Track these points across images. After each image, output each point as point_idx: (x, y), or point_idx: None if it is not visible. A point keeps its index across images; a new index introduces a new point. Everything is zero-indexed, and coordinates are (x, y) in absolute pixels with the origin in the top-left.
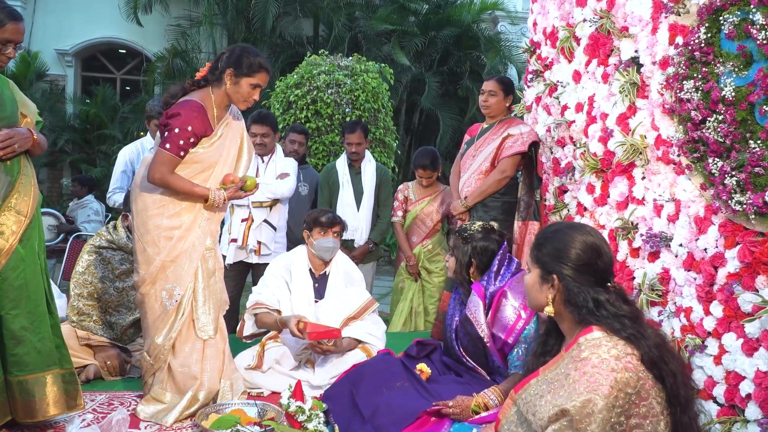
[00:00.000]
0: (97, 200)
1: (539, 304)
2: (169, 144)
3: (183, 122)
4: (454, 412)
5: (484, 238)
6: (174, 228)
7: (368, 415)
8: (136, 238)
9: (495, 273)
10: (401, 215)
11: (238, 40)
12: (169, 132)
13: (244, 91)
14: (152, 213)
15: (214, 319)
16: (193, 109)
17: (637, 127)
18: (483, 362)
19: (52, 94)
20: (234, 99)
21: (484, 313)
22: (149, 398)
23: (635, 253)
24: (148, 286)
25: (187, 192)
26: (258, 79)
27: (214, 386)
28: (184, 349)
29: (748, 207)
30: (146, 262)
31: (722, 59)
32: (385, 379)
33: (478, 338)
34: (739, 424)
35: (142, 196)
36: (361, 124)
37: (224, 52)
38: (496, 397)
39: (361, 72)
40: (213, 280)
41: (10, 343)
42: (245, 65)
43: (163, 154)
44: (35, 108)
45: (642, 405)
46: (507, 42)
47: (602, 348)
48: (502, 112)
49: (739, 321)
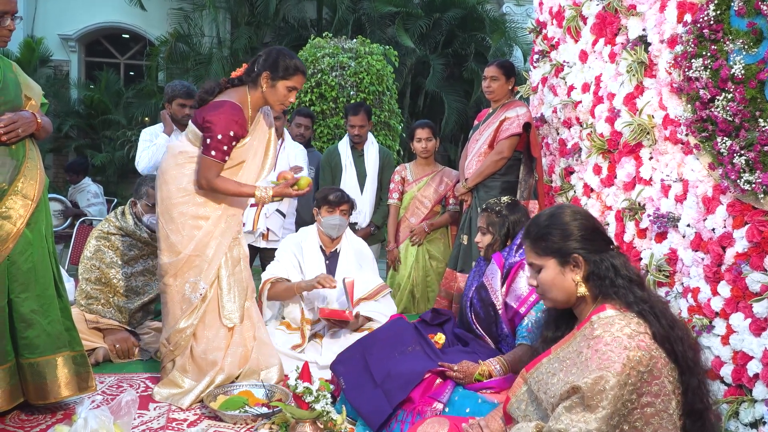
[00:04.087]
0: (94, 182)
1: (568, 294)
2: (214, 151)
3: (225, 128)
4: (457, 377)
5: (515, 211)
6: (200, 218)
7: (380, 380)
8: (160, 225)
9: (518, 246)
10: (397, 197)
11: (242, 24)
12: (211, 138)
13: (280, 94)
14: (176, 201)
15: (240, 306)
16: (233, 113)
17: (645, 106)
18: (492, 330)
19: (56, 79)
20: (270, 101)
21: (501, 282)
22: (167, 381)
23: (642, 234)
24: (171, 278)
25: (235, 193)
26: (294, 82)
27: (233, 372)
28: (208, 336)
29: (756, 186)
30: (169, 250)
31: (732, 36)
32: (397, 344)
33: (491, 304)
34: (747, 403)
35: (166, 185)
36: (365, 106)
37: (261, 55)
38: (501, 367)
39: (365, 54)
40: (238, 268)
41: (21, 326)
42: (282, 68)
43: (209, 161)
44: (40, 90)
45: (654, 383)
46: (512, 23)
47: (615, 326)
48: (505, 95)
49: (746, 301)
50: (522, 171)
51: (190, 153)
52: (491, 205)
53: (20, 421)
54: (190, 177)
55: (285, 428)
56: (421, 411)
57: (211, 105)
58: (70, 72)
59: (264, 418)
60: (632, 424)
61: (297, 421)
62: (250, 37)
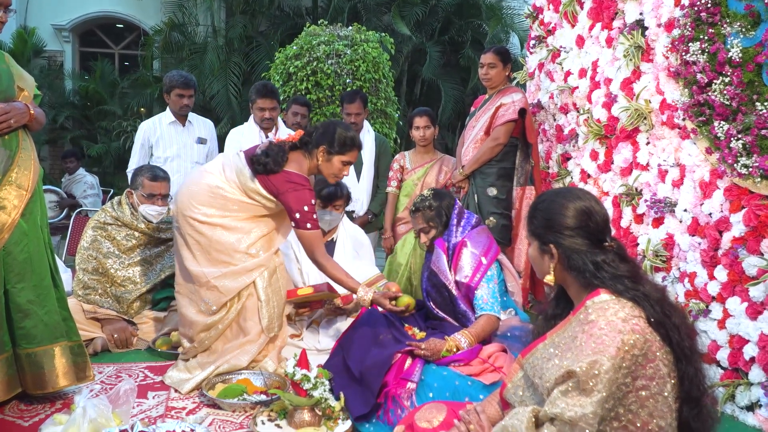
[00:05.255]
0: (90, 173)
1: (544, 273)
2: (309, 224)
3: (306, 200)
4: (425, 354)
5: (442, 197)
6: (242, 255)
7: (358, 375)
8: (178, 240)
9: (455, 227)
10: (395, 185)
11: (236, 12)
12: (300, 213)
13: (335, 168)
14: (199, 226)
15: (279, 315)
16: (306, 186)
17: (642, 91)
18: (451, 310)
19: (50, 70)
20: (325, 174)
21: (447, 263)
22: (182, 367)
23: (639, 219)
24: (182, 293)
25: (340, 280)
26: (350, 157)
27: (239, 364)
28: (231, 346)
29: (754, 170)
30: (183, 267)
31: (729, 20)
32: (371, 337)
33: (443, 286)
34: (743, 387)
35: (193, 207)
36: (360, 94)
37: (318, 127)
38: (466, 339)
39: (361, 42)
40: (275, 278)
41: (17, 317)
42: (338, 143)
43: (311, 234)
44: (33, 81)
45: (649, 367)
46: (509, 9)
47: (610, 310)
48: (502, 81)
49: (743, 285)
50: (518, 157)
51: (229, 194)
52: (419, 203)
53: (19, 411)
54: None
55: (283, 415)
56: (396, 394)
57: (288, 176)
58: (64, 63)
59: (262, 406)
60: (627, 407)
61: (295, 408)
62: (245, 25)
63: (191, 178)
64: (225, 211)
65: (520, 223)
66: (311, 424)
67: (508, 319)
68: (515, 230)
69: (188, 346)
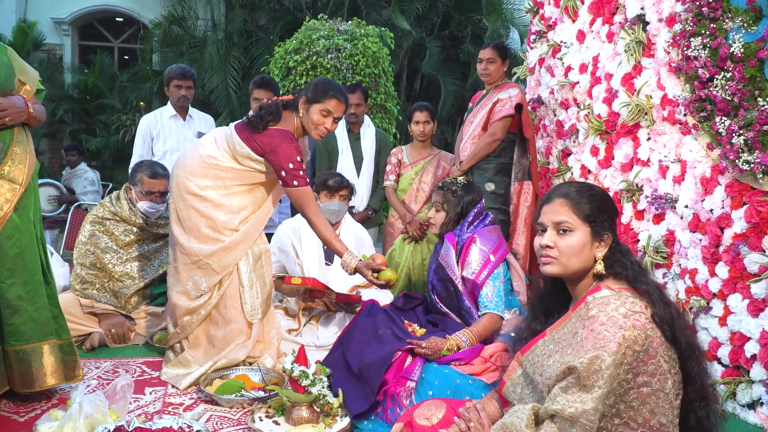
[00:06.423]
0: (91, 168)
1: (585, 265)
2: (296, 180)
3: (291, 156)
4: (425, 353)
5: (470, 192)
6: (228, 229)
7: (357, 372)
8: (172, 215)
9: (469, 223)
10: (393, 179)
11: (236, 6)
12: (286, 171)
13: (315, 119)
14: (192, 200)
15: (263, 302)
16: (289, 141)
17: (643, 86)
18: (455, 306)
19: (50, 63)
20: (308, 129)
21: (456, 259)
22: (175, 362)
23: (640, 216)
24: (180, 266)
25: (328, 241)
26: (328, 105)
27: (236, 358)
28: (228, 322)
29: (755, 166)
30: (176, 243)
31: (731, 14)
32: (371, 332)
33: (449, 280)
34: (744, 384)
35: (187, 180)
36: (360, 87)
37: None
38: (468, 338)
39: (360, 36)
40: (259, 264)
41: (6, 313)
42: (313, 90)
43: (299, 191)
44: (36, 75)
45: (650, 363)
46: (509, 4)
47: (610, 306)
48: (500, 77)
49: (744, 282)
50: (516, 152)
51: (221, 162)
52: (448, 183)
53: (15, 407)
54: (222, 184)
55: (281, 412)
56: (395, 392)
57: (273, 135)
58: (63, 56)
59: (260, 402)
60: (628, 403)
61: (293, 404)
62: (244, 19)
63: (186, 153)
64: (218, 181)
65: (518, 219)
66: (309, 421)
67: (512, 318)
68: (513, 225)
69: (172, 331)
